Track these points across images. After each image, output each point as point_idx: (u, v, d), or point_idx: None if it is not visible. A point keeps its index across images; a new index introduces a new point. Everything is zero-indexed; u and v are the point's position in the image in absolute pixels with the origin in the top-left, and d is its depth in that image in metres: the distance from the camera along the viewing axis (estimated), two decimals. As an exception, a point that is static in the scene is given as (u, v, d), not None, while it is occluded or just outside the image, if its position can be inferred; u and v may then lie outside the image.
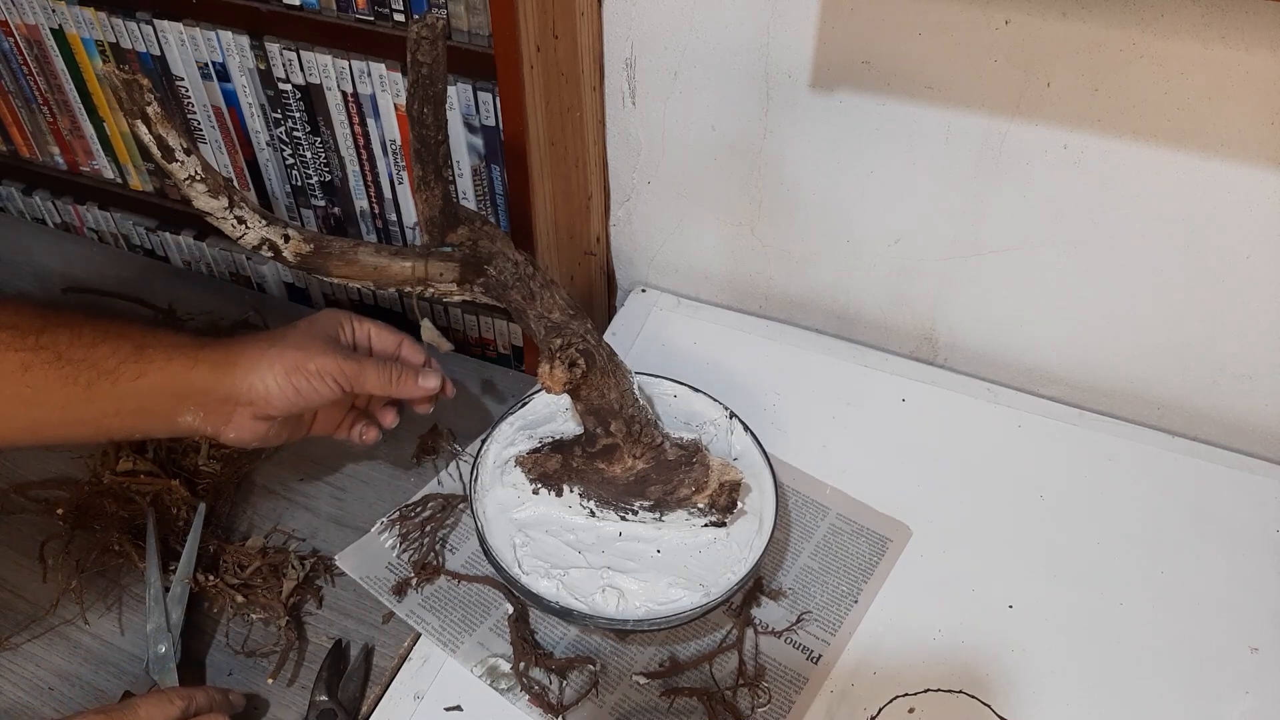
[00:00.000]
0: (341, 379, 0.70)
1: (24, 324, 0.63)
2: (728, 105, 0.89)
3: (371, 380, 0.72)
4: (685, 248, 1.02)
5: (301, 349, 0.69)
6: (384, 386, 0.73)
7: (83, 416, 0.66)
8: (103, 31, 0.91)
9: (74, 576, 0.76)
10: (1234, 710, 0.71)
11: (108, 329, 0.66)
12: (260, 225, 0.65)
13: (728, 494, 0.72)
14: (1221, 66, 0.71)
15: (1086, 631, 0.76)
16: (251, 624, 0.75)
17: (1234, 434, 0.90)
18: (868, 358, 0.97)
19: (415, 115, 0.62)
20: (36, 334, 0.63)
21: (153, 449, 0.82)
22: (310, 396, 0.70)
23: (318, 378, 0.69)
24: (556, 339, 0.66)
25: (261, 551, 0.78)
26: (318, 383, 0.69)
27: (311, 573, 0.78)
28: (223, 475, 0.83)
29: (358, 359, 0.72)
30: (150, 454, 0.81)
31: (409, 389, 0.74)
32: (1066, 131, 0.78)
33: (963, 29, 0.76)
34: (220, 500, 0.83)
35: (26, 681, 0.73)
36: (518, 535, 0.74)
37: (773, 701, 0.71)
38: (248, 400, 0.68)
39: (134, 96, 0.57)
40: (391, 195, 0.92)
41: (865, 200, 0.90)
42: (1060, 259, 0.86)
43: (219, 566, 0.77)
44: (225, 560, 0.77)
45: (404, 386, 0.74)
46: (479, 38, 0.77)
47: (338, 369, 0.70)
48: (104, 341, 0.65)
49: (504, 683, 0.72)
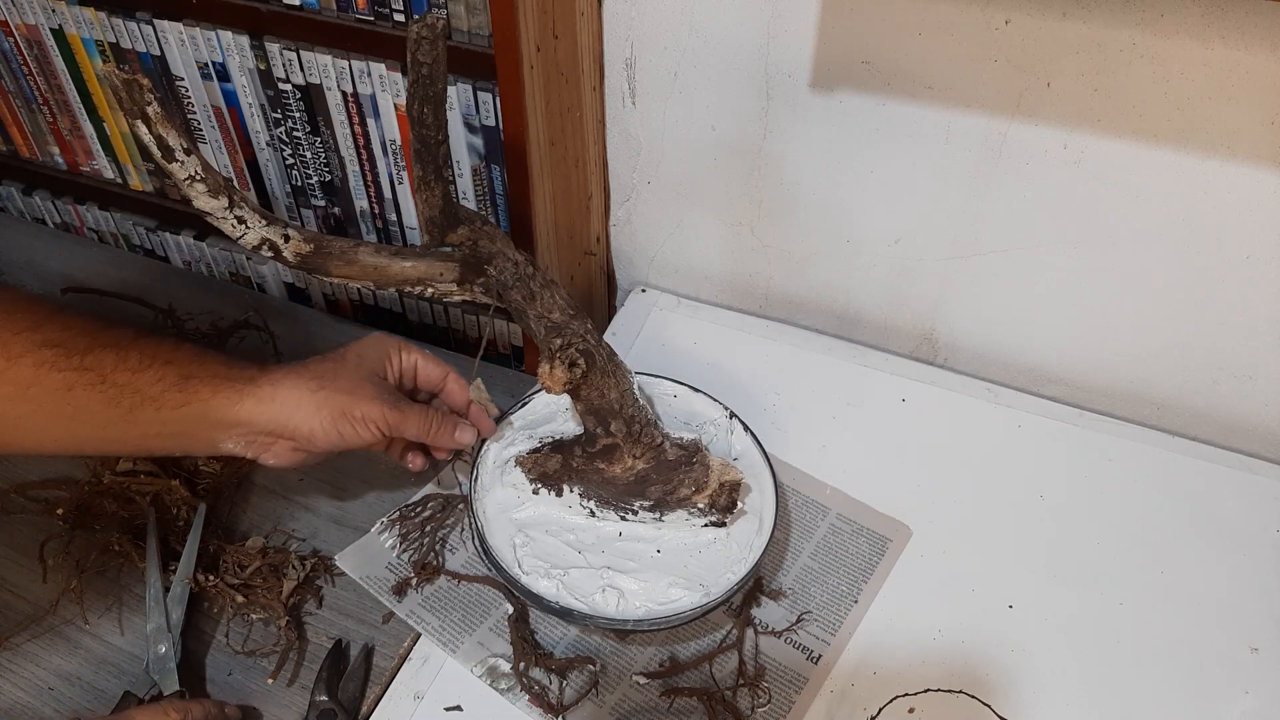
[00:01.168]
0: (384, 426, 0.71)
1: (71, 342, 0.64)
2: (728, 105, 0.89)
3: (412, 429, 0.72)
4: (685, 248, 1.03)
5: (349, 393, 0.69)
6: (421, 435, 0.73)
7: (124, 436, 0.67)
8: (103, 31, 0.91)
9: (74, 576, 0.76)
10: (1234, 710, 0.71)
11: (155, 353, 0.66)
12: (260, 225, 0.65)
13: (728, 494, 0.72)
14: (1221, 66, 0.71)
15: (1086, 631, 0.76)
16: (251, 624, 0.75)
17: (1234, 434, 0.90)
18: (868, 358, 0.97)
19: (415, 115, 0.62)
20: (82, 354, 0.64)
21: None
22: (352, 440, 0.70)
23: (362, 424, 0.70)
24: (556, 339, 0.66)
25: (261, 551, 0.78)
26: (361, 429, 0.70)
27: (311, 573, 0.78)
28: (223, 475, 0.83)
29: (401, 407, 0.72)
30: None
31: (444, 440, 0.75)
32: (1066, 131, 0.78)
33: (963, 29, 0.76)
34: (220, 500, 0.83)
35: (26, 681, 0.73)
36: (518, 535, 0.74)
37: (773, 701, 0.71)
38: (290, 435, 0.69)
39: (134, 96, 0.57)
40: (391, 195, 0.92)
41: (865, 200, 0.90)
42: (1060, 259, 0.86)
43: (219, 566, 0.77)
44: (225, 560, 0.77)
45: (440, 438, 0.74)
46: (479, 38, 0.77)
47: (382, 417, 0.70)
48: (149, 367, 0.65)
49: (504, 683, 0.72)
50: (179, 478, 0.80)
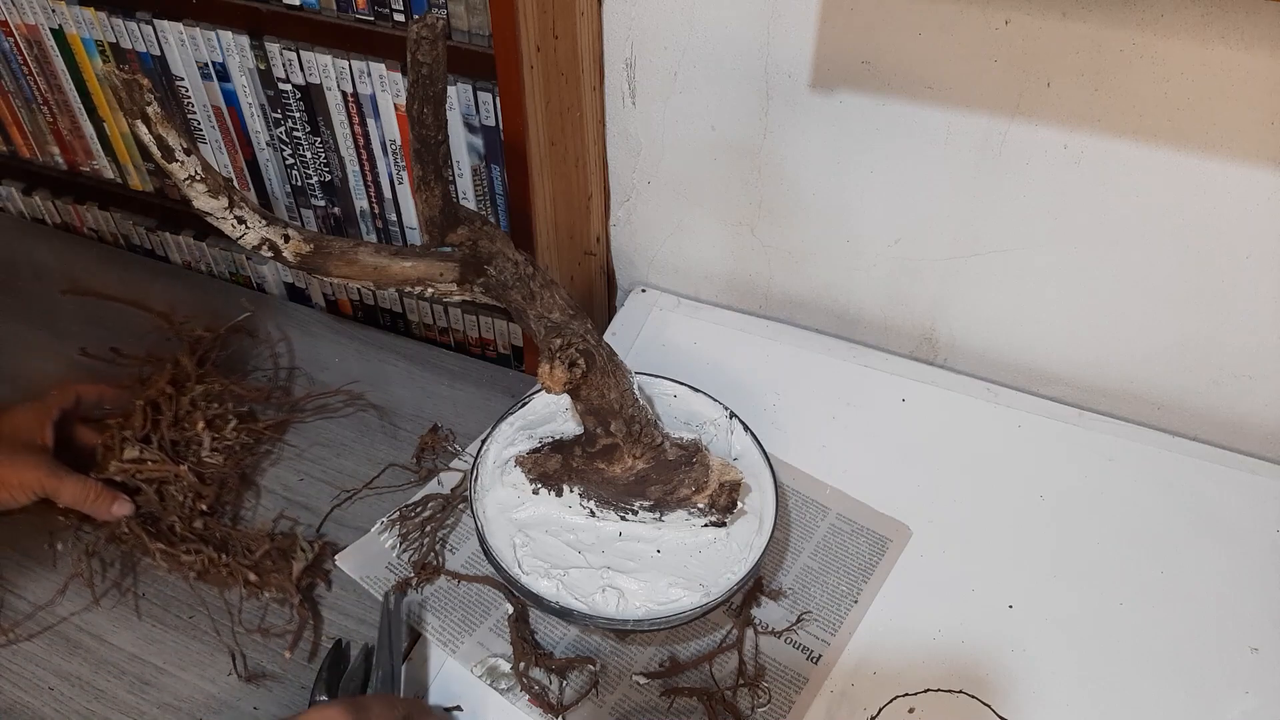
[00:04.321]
0: (40, 491, 0.76)
1: None
2: (728, 105, 0.89)
3: (68, 497, 0.77)
4: (685, 248, 1.03)
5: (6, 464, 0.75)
6: (79, 503, 0.77)
7: None
8: (103, 31, 0.91)
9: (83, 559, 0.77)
10: (1234, 710, 0.71)
11: None
12: (260, 225, 0.65)
13: (728, 494, 0.72)
14: (1221, 66, 0.71)
15: (1086, 631, 0.76)
16: (267, 606, 0.76)
17: (1234, 434, 0.90)
18: (868, 358, 0.97)
19: (415, 115, 0.62)
20: None
21: (157, 439, 0.82)
22: (9, 503, 0.76)
23: (19, 489, 0.75)
24: (556, 339, 0.66)
25: (270, 535, 0.79)
26: (18, 494, 0.75)
27: (320, 555, 0.79)
28: (226, 467, 0.84)
29: (60, 475, 0.76)
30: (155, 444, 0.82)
31: (102, 513, 0.78)
32: (1066, 131, 0.78)
33: (963, 29, 0.76)
34: (225, 490, 0.83)
35: (26, 681, 0.73)
36: (518, 535, 0.74)
37: (773, 701, 0.71)
38: None
39: (134, 96, 0.57)
40: (391, 195, 0.92)
41: (865, 200, 0.90)
42: (1060, 259, 0.86)
43: (229, 549, 0.78)
44: (234, 544, 0.78)
45: (98, 508, 0.78)
46: (479, 38, 0.77)
47: (38, 483, 0.75)
48: None
49: (504, 683, 0.72)
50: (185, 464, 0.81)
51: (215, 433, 0.84)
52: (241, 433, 0.86)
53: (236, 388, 0.88)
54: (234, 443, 0.85)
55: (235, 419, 0.86)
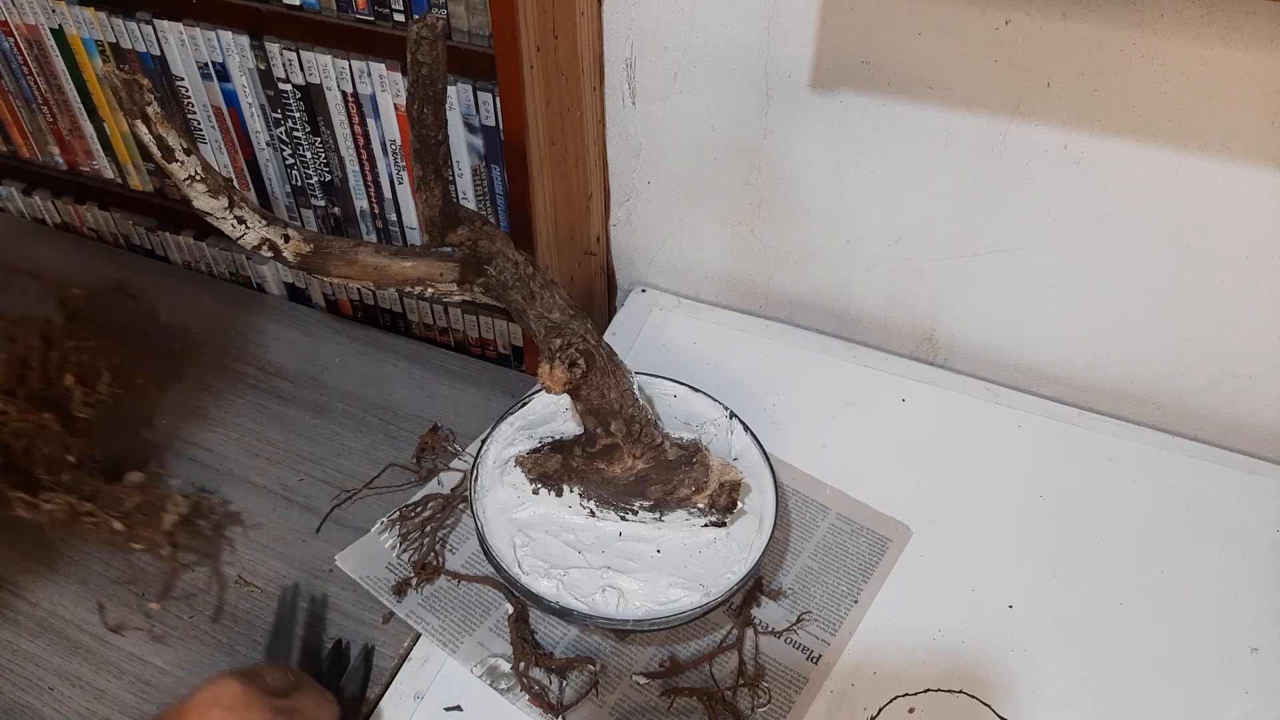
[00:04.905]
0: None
1: None
2: (728, 105, 0.89)
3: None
4: (685, 248, 1.03)
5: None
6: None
7: None
8: (103, 31, 0.91)
9: None
10: (1234, 710, 0.71)
11: None
12: (260, 225, 0.65)
13: (728, 494, 0.72)
14: (1221, 66, 0.71)
15: (1086, 631, 0.76)
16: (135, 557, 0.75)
17: (1234, 434, 0.90)
18: (868, 358, 0.97)
19: (415, 115, 0.62)
20: None
21: (24, 393, 0.80)
22: None
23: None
24: (556, 339, 0.66)
25: (140, 488, 0.78)
26: None
27: (196, 511, 0.77)
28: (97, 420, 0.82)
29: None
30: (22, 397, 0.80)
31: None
32: (1066, 131, 0.78)
33: (963, 29, 0.76)
34: (95, 439, 0.82)
35: (26, 681, 0.73)
36: (518, 535, 0.74)
37: (773, 701, 0.71)
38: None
39: (134, 96, 0.57)
40: (391, 195, 0.92)
41: (865, 200, 0.90)
42: (1060, 259, 0.86)
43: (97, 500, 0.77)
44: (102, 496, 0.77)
45: None
46: (479, 38, 0.77)
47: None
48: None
49: (504, 683, 0.72)
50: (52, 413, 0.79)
51: (87, 387, 0.83)
52: (115, 387, 0.85)
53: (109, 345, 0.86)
54: (106, 396, 0.84)
55: (109, 374, 0.85)
